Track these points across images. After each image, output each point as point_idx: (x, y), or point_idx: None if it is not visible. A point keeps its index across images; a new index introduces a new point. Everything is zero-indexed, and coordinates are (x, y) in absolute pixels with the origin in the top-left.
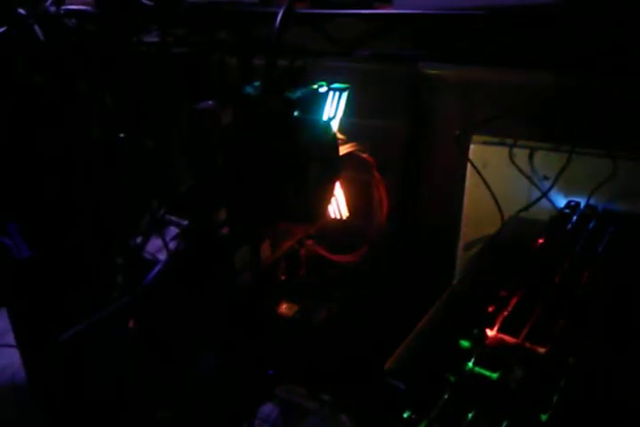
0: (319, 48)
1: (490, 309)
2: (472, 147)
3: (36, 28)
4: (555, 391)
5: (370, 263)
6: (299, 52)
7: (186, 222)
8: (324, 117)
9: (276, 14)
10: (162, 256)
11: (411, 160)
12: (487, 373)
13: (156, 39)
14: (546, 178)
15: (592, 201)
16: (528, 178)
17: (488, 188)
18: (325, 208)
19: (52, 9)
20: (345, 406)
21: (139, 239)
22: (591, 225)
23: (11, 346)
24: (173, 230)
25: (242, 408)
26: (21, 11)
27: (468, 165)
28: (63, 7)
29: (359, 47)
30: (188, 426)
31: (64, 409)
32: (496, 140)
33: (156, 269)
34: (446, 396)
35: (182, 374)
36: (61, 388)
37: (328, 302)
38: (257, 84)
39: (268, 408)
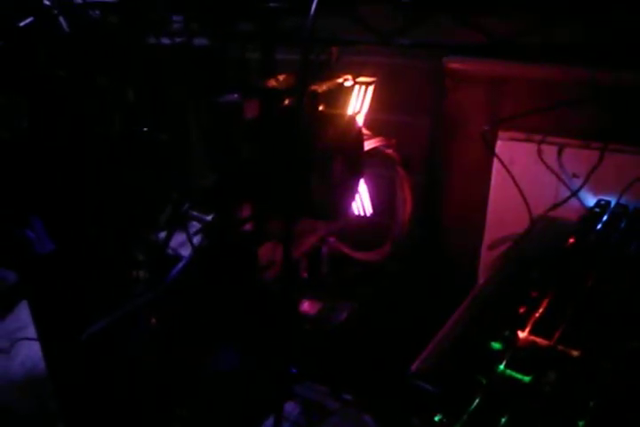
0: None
1: (521, 310)
2: (499, 143)
3: (61, 19)
4: (591, 397)
5: (393, 262)
6: (329, 42)
7: (209, 218)
8: (350, 112)
9: (311, 1)
10: (184, 252)
11: (435, 156)
12: (519, 376)
13: (177, 31)
14: (575, 176)
15: (623, 200)
16: (556, 176)
17: (515, 185)
18: (349, 205)
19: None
20: (367, 405)
21: (162, 234)
22: (622, 225)
23: (32, 339)
24: (196, 225)
25: (264, 407)
26: (46, 1)
27: (495, 162)
28: None
29: (394, 36)
30: (206, 423)
31: (82, 402)
32: (524, 136)
33: (180, 265)
34: (478, 400)
35: (202, 372)
36: (80, 381)
37: (350, 301)
38: (281, 77)
39: (289, 407)
